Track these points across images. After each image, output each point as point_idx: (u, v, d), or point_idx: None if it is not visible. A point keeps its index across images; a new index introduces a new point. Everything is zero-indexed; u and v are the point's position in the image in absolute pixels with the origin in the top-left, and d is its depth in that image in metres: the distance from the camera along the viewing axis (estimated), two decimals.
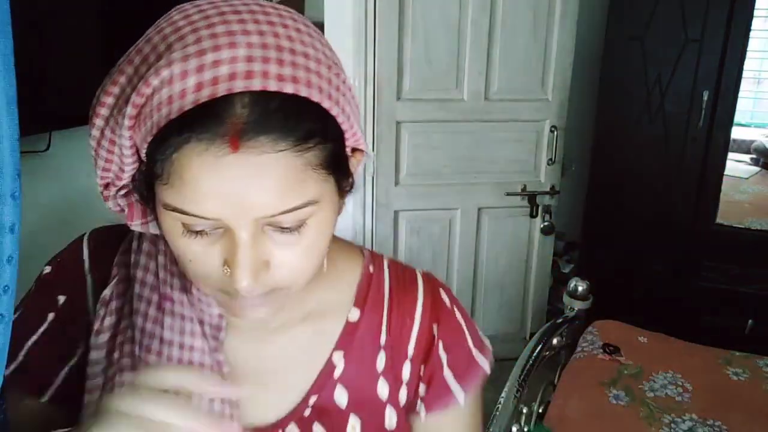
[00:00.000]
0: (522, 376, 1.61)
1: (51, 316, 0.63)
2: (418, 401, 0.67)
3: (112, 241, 0.66)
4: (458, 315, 0.70)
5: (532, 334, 2.42)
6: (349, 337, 0.65)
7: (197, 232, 0.50)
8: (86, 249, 0.66)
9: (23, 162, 0.43)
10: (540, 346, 1.76)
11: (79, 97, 1.38)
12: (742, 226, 2.54)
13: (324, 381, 0.64)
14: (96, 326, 0.62)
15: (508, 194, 2.61)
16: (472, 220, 2.64)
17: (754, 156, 2.82)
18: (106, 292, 0.63)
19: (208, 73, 0.45)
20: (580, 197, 2.82)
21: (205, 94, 0.45)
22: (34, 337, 0.63)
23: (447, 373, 0.67)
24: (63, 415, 0.62)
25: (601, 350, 1.90)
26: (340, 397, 0.65)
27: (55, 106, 1.28)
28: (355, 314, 0.66)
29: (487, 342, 0.73)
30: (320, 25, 2.49)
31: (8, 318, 0.52)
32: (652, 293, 2.60)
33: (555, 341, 1.88)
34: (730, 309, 2.50)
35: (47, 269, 0.66)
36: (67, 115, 1.34)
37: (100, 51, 1.41)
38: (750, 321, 2.47)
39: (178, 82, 0.46)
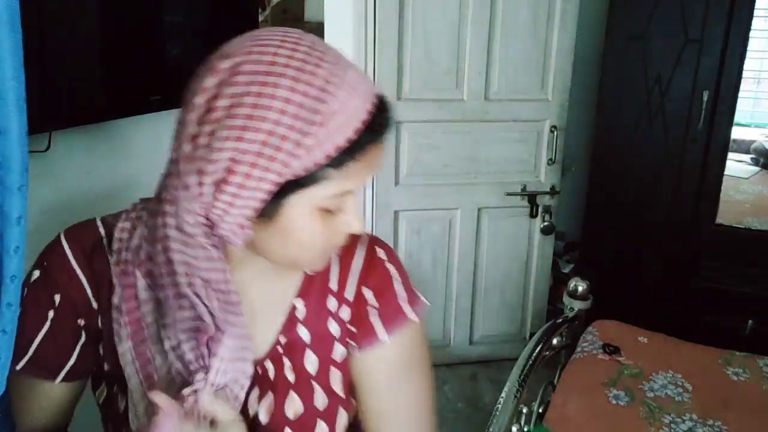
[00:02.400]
0: (522, 376, 1.61)
1: (51, 313, 0.72)
2: (352, 340, 0.79)
3: (89, 235, 0.75)
4: (391, 269, 0.81)
5: (532, 334, 2.42)
6: (307, 286, 0.78)
7: (326, 210, 0.65)
8: (68, 249, 0.73)
9: None
10: (540, 346, 1.76)
11: (79, 97, 1.38)
12: (742, 226, 2.54)
13: (291, 322, 0.77)
14: (116, 328, 0.71)
15: (508, 194, 2.61)
16: (472, 220, 2.64)
17: (754, 156, 2.81)
18: (115, 300, 0.71)
19: (367, 87, 0.64)
20: (580, 197, 2.82)
21: (369, 106, 0.63)
22: (41, 335, 0.72)
23: (374, 318, 0.78)
24: (71, 388, 0.77)
25: (601, 350, 1.90)
26: (303, 335, 0.78)
27: (55, 106, 1.28)
28: None
29: (420, 296, 0.82)
30: (320, 25, 2.49)
31: (15, 307, 0.53)
32: (652, 293, 2.60)
33: (555, 341, 1.88)
34: (730, 309, 2.50)
35: (36, 274, 0.73)
36: (67, 115, 1.34)
37: (101, 50, 1.41)
38: (750, 321, 2.47)
39: (356, 98, 0.62)
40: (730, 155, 2.48)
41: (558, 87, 2.52)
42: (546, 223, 2.66)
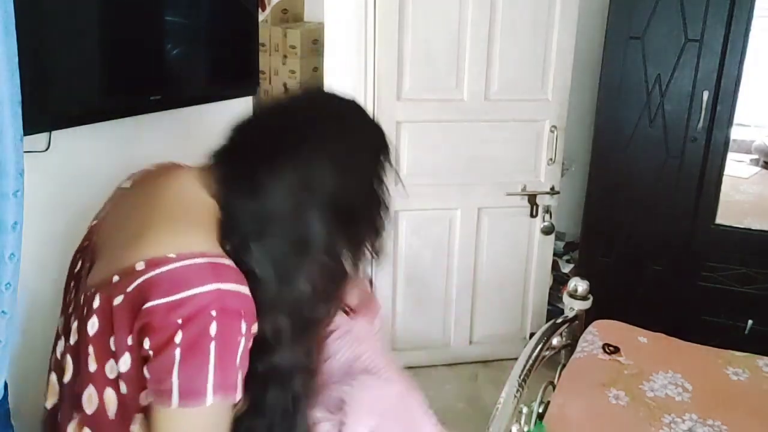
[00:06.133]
0: (522, 376, 1.61)
1: (243, 340, 0.81)
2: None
3: (238, 274, 0.83)
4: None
5: (532, 334, 2.42)
6: None
7: None
8: (241, 287, 0.81)
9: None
10: (540, 346, 1.76)
11: (79, 97, 1.38)
12: (742, 226, 2.54)
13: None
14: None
15: (508, 194, 2.61)
16: (472, 220, 2.63)
17: (754, 156, 2.81)
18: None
19: None
20: (580, 197, 2.82)
21: None
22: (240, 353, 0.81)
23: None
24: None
25: (601, 350, 1.90)
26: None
27: (55, 106, 1.28)
28: None
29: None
30: (320, 25, 2.49)
31: (10, 314, 0.52)
32: (652, 293, 2.60)
33: (555, 341, 1.88)
34: (730, 309, 2.50)
35: (243, 325, 0.80)
36: (67, 115, 1.34)
37: (101, 50, 1.41)
38: (750, 321, 2.47)
39: None
40: (730, 155, 2.48)
41: (558, 87, 2.52)
42: (546, 223, 2.66)
